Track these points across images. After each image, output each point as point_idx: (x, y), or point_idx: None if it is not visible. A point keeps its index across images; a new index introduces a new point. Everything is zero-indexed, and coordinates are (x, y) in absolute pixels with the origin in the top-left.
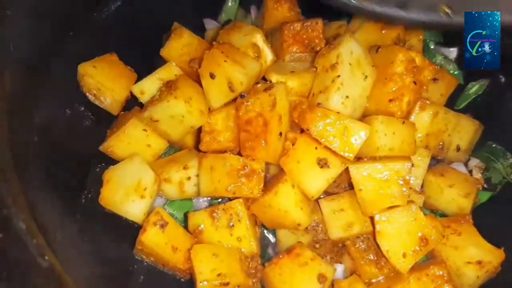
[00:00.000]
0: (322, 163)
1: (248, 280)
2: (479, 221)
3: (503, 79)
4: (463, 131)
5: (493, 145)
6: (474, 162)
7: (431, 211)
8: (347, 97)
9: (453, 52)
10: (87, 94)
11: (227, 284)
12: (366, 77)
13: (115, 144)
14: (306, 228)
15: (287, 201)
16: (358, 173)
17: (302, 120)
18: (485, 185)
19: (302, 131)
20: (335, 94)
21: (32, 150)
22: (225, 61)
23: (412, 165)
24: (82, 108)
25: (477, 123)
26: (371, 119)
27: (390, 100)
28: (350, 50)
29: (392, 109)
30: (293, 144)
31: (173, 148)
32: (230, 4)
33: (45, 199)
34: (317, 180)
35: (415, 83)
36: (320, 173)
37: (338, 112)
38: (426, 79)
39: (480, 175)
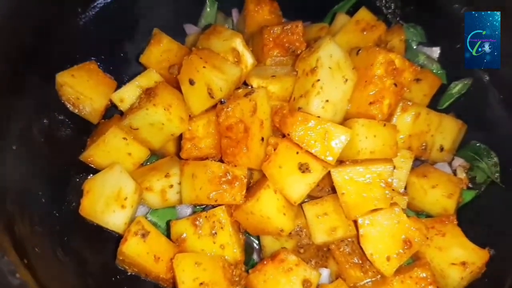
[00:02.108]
0: (304, 168)
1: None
2: (464, 220)
3: (486, 78)
4: (446, 131)
5: (477, 144)
6: (458, 161)
7: (416, 212)
8: (327, 101)
9: (435, 51)
10: (66, 103)
11: None
12: (346, 80)
13: (95, 153)
14: (290, 233)
15: (269, 207)
16: (340, 176)
17: (283, 125)
18: (469, 185)
19: (283, 136)
20: (315, 98)
21: (10, 160)
22: (204, 67)
23: (394, 168)
24: (62, 117)
25: (460, 123)
26: (351, 122)
27: (371, 103)
28: (330, 53)
29: (373, 112)
30: (274, 149)
31: (155, 155)
32: (208, 9)
33: (23, 211)
34: (299, 185)
35: (395, 85)
36: (301, 178)
37: (319, 116)
38: (407, 81)
39: (464, 174)
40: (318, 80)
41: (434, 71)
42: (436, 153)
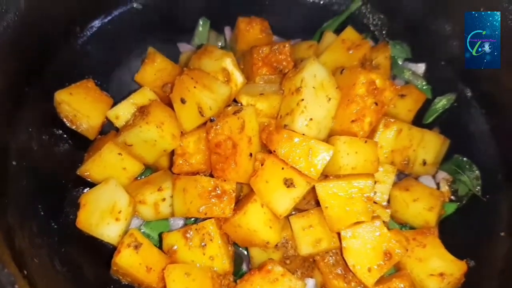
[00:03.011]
0: (288, 183)
1: None
2: (446, 232)
3: (469, 93)
4: (428, 146)
5: (460, 158)
6: (441, 175)
7: (400, 224)
8: (311, 119)
9: (421, 67)
10: (64, 119)
11: None
12: (330, 99)
13: (91, 168)
14: (276, 245)
15: (255, 221)
16: (324, 191)
17: (269, 141)
18: (452, 197)
19: (271, 151)
20: (300, 117)
21: (10, 174)
22: (194, 86)
23: (375, 182)
24: (60, 132)
25: (442, 138)
26: (334, 140)
27: (353, 121)
28: (314, 73)
29: (354, 129)
30: (262, 165)
31: (150, 169)
32: (200, 28)
33: (23, 223)
34: (284, 199)
35: (376, 104)
36: (286, 192)
37: (304, 134)
38: (387, 99)
39: (447, 187)
40: (302, 99)
41: (419, 86)
42: (419, 167)
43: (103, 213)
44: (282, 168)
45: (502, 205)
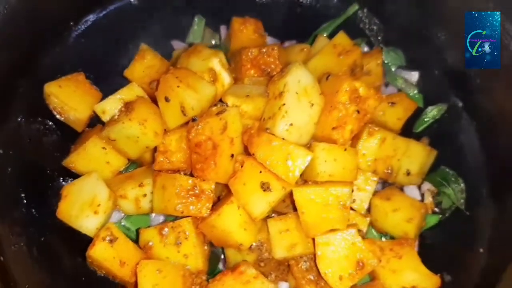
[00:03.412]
0: (265, 187)
1: None
2: (426, 244)
3: (460, 105)
4: (413, 156)
5: (446, 170)
6: (426, 186)
7: (381, 233)
8: (291, 124)
9: (414, 75)
10: (53, 111)
11: None
12: (312, 105)
13: (76, 160)
14: (251, 247)
15: (230, 222)
16: (301, 196)
17: (250, 143)
18: (436, 209)
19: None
20: (281, 122)
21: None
22: (178, 86)
23: (353, 191)
24: (50, 123)
25: (427, 149)
26: (313, 146)
27: (334, 128)
28: (298, 79)
29: (335, 136)
30: (242, 166)
31: (135, 163)
32: (196, 26)
33: (5, 211)
34: (260, 203)
35: (358, 112)
36: (263, 196)
37: (283, 138)
38: (371, 108)
39: (431, 199)
40: (284, 104)
41: (411, 95)
42: (402, 177)
43: (83, 206)
44: (260, 172)
45: (484, 221)
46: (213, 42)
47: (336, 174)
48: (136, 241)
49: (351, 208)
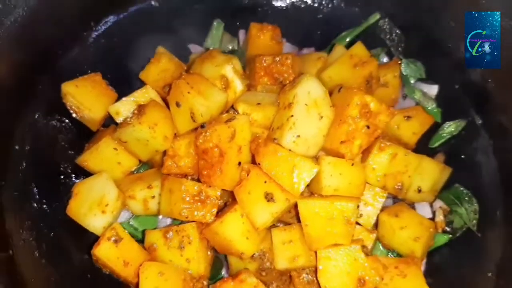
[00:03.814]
0: (269, 197)
1: None
2: (433, 264)
3: (479, 122)
4: (425, 173)
5: (460, 189)
6: (438, 203)
7: (388, 249)
8: (298, 136)
9: (434, 89)
10: (69, 109)
11: None
12: (322, 117)
13: (89, 159)
14: (253, 256)
15: (232, 230)
16: (305, 208)
17: (256, 153)
18: (447, 228)
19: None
20: (288, 133)
21: (11, 158)
22: (188, 92)
23: (358, 206)
24: (67, 121)
25: (441, 166)
26: (320, 159)
27: (342, 142)
28: (308, 90)
29: (342, 151)
30: (247, 175)
31: (147, 165)
32: (214, 30)
33: (16, 206)
34: (263, 213)
35: (368, 127)
36: (266, 206)
37: (290, 150)
38: (382, 123)
39: (442, 217)
40: (292, 115)
41: (429, 108)
42: (413, 194)
43: (92, 204)
44: (265, 182)
45: (495, 244)
46: (231, 47)
47: (341, 189)
48: (142, 241)
49: (358, 223)
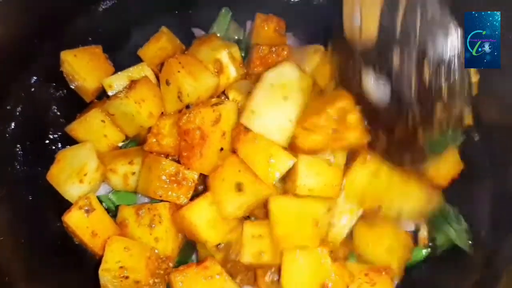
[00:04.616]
0: (239, 188)
1: (149, 278)
2: (410, 279)
3: (477, 138)
4: (410, 199)
5: (447, 208)
6: None
7: (363, 262)
8: (253, 112)
9: None
10: (66, 77)
11: (126, 277)
12: (286, 98)
13: (77, 128)
14: (218, 245)
15: (197, 217)
16: (276, 206)
17: (236, 140)
18: (430, 244)
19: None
20: (247, 110)
21: (1, 117)
22: (179, 71)
23: (329, 210)
24: (64, 91)
25: (429, 194)
26: (298, 158)
27: (304, 129)
28: (282, 73)
29: (296, 139)
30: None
31: (134, 141)
32: (221, 17)
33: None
34: (232, 203)
35: (334, 131)
36: (235, 196)
37: (246, 127)
38: (349, 140)
39: (426, 233)
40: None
41: None
42: (391, 217)
43: (72, 172)
44: (239, 171)
45: (477, 262)
46: (236, 37)
47: (316, 189)
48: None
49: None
